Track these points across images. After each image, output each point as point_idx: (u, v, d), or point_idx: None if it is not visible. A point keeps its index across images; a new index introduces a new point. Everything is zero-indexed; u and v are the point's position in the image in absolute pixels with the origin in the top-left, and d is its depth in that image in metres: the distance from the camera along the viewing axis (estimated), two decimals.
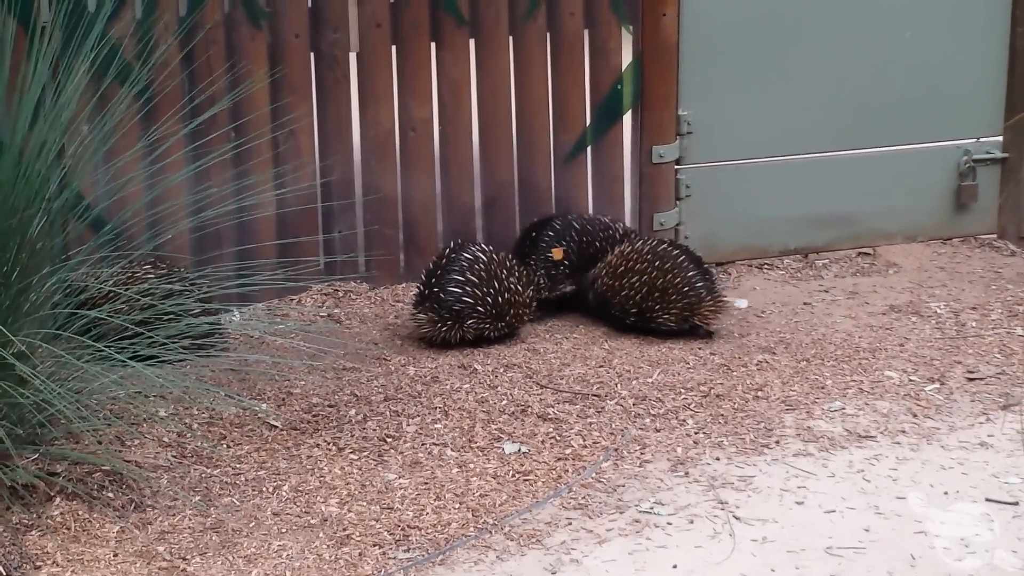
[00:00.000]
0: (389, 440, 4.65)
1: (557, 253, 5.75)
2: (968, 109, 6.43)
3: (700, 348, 5.39)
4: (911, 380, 5.10)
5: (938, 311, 5.77)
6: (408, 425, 4.75)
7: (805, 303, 5.90)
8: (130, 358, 4.18)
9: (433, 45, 5.88)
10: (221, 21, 5.56)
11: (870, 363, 5.24)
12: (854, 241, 6.46)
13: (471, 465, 4.48)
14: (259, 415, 4.75)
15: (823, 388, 5.04)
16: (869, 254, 6.43)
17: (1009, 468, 4.42)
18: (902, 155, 6.44)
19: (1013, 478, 4.36)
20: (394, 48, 5.83)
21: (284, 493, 4.29)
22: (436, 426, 4.74)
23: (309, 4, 5.72)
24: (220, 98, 5.33)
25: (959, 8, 6.34)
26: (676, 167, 6.18)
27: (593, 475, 4.43)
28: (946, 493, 4.30)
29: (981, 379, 5.10)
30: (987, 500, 4.25)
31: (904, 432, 4.70)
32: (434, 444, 4.62)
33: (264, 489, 4.31)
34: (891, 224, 6.45)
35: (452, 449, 4.59)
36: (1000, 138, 6.47)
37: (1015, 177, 6.33)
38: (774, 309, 5.83)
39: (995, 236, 6.55)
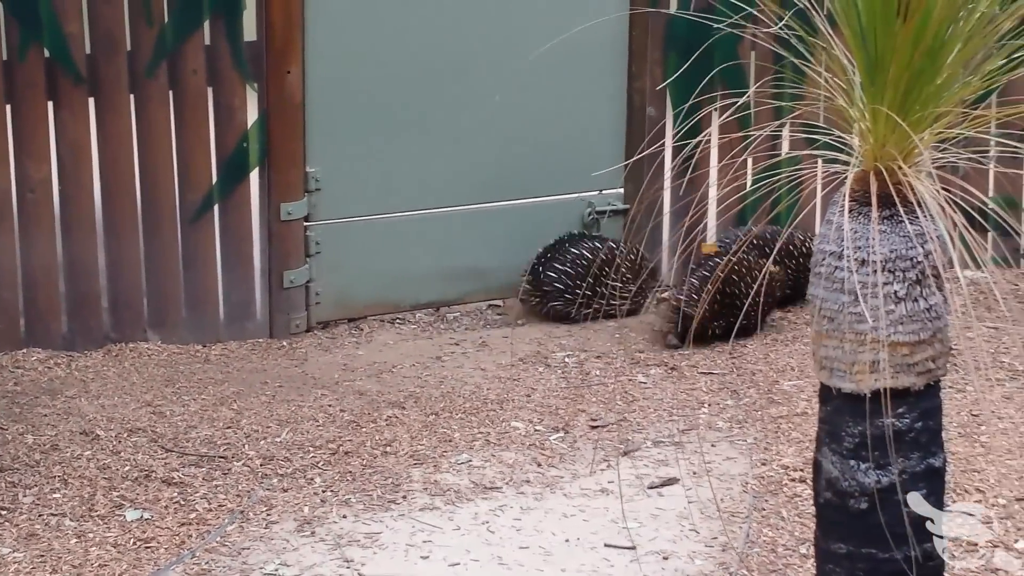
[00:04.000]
0: (4, 512, 4.48)
1: (708, 248, 5.96)
2: (591, 163, 6.61)
3: (331, 405, 5.38)
4: (537, 430, 5.19)
5: (565, 360, 5.90)
6: (24, 496, 4.58)
7: (436, 357, 5.96)
8: None
9: (51, 104, 5.74)
10: None
11: (498, 414, 5.31)
12: (485, 294, 6.56)
13: (90, 535, 4.35)
14: None
15: (451, 441, 5.08)
16: (499, 306, 6.54)
17: (628, 513, 4.52)
18: (530, 208, 6.58)
19: (632, 523, 4.47)
20: (8, 107, 5.67)
21: None
22: (55, 496, 4.60)
23: None
24: None
25: (581, 66, 6.51)
26: (305, 224, 6.17)
27: (218, 539, 4.36)
28: (567, 541, 4.38)
29: (604, 426, 5.22)
30: (606, 546, 4.34)
31: (529, 482, 4.77)
32: (52, 515, 4.47)
33: None
34: (519, 277, 6.57)
35: (71, 519, 4.45)
36: (621, 190, 6.67)
37: (636, 228, 6.52)
38: (406, 363, 5.86)
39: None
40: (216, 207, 6.01)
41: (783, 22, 3.19)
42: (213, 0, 5.87)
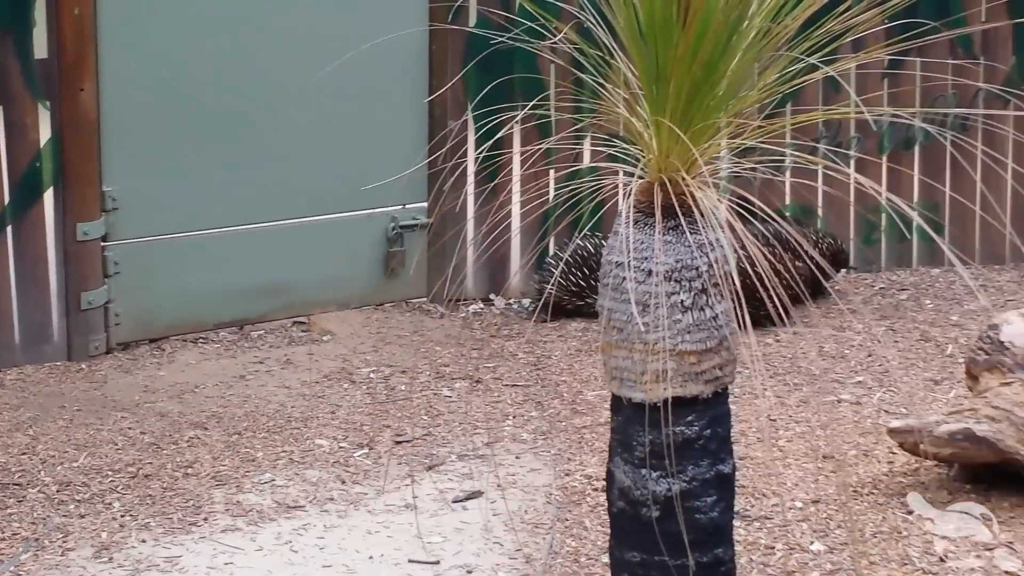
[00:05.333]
0: None
1: None
2: (395, 177, 6.59)
3: (130, 428, 5.29)
4: (341, 447, 5.16)
5: (370, 376, 5.87)
6: None
7: (240, 375, 5.89)
8: None
9: None
10: None
11: (302, 432, 5.27)
12: (290, 310, 6.51)
13: None
14: None
15: (254, 461, 5.03)
16: (304, 323, 6.50)
17: (432, 528, 4.52)
18: (334, 224, 6.55)
19: (436, 537, 4.46)
20: None
21: None
22: None
23: None
24: None
25: (383, 81, 6.51)
26: (103, 244, 6.05)
27: (11, 568, 4.25)
28: (371, 558, 4.35)
29: (408, 441, 5.21)
30: (410, 561, 4.32)
31: (333, 500, 4.74)
32: None
33: None
34: (325, 292, 6.54)
35: None
36: (425, 204, 6.67)
37: (440, 241, 6.53)
38: (208, 383, 5.79)
39: (425, 299, 6.74)
40: (9, 228, 5.88)
41: (560, 36, 3.21)
42: (0, 16, 5.74)
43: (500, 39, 3.88)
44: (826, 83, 6.43)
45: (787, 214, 7.05)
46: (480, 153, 5.82)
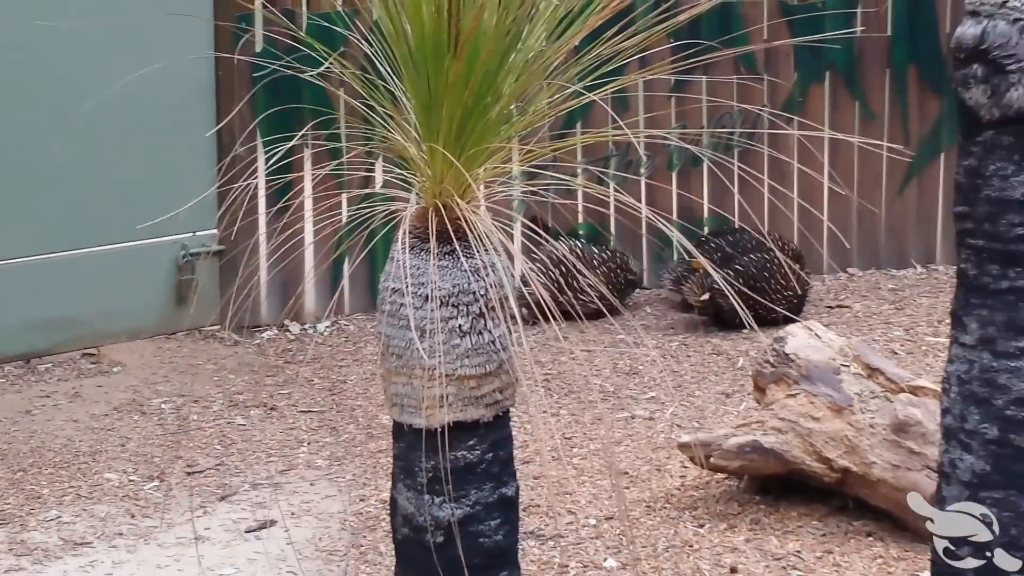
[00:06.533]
0: None
1: (696, 264, 6.53)
2: (183, 205, 6.48)
3: None
4: (131, 480, 5.06)
5: (162, 407, 5.78)
6: None
7: (26, 411, 5.75)
8: None
9: None
10: None
11: (90, 467, 5.16)
12: (79, 343, 6.37)
13: None
14: None
15: (40, 498, 4.91)
16: (94, 355, 6.36)
17: (225, 559, 4.46)
18: (122, 253, 6.42)
19: (228, 569, 4.40)
20: None
21: None
22: None
23: None
24: None
25: (170, 108, 6.41)
26: None
27: None
28: None
29: (200, 472, 5.14)
30: None
31: (122, 534, 4.65)
32: None
33: None
34: (115, 323, 6.42)
35: None
36: (215, 231, 6.59)
37: (232, 268, 6.45)
38: None
39: (219, 327, 6.66)
40: None
41: (331, 66, 3.19)
42: None
43: (283, 67, 3.84)
44: (615, 102, 6.51)
45: (580, 232, 7.12)
46: (270, 180, 5.78)
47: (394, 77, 3.30)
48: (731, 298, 3.32)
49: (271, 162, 5.74)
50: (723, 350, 6.38)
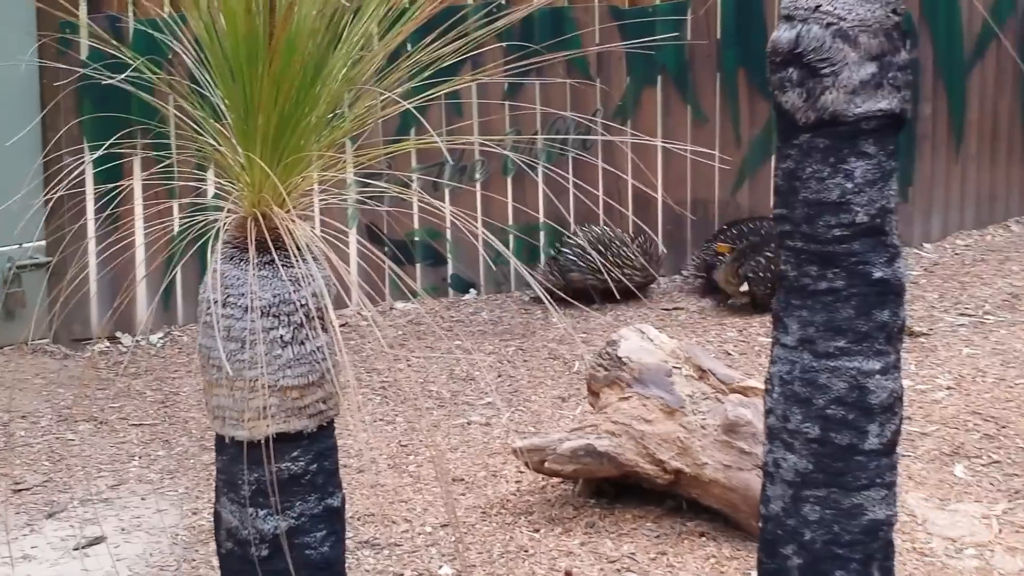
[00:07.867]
0: None
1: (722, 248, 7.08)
2: (7, 216, 6.35)
3: None
4: None
5: None
6: None
7: None
8: None
9: None
10: None
11: None
12: None
13: None
14: None
15: None
16: None
17: None
18: None
19: None
20: None
21: None
22: None
23: None
24: None
25: None
26: None
27: None
28: None
29: (28, 489, 5.02)
30: None
31: None
32: None
33: None
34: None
35: None
36: (43, 243, 6.45)
37: (61, 280, 6.33)
38: None
39: (48, 341, 6.52)
40: None
41: (132, 69, 3.14)
42: None
43: (108, 75, 3.76)
44: (449, 107, 6.51)
45: (415, 239, 7.10)
46: (98, 190, 5.68)
47: (212, 85, 3.25)
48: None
49: (98, 171, 5.67)
50: (559, 354, 6.40)
